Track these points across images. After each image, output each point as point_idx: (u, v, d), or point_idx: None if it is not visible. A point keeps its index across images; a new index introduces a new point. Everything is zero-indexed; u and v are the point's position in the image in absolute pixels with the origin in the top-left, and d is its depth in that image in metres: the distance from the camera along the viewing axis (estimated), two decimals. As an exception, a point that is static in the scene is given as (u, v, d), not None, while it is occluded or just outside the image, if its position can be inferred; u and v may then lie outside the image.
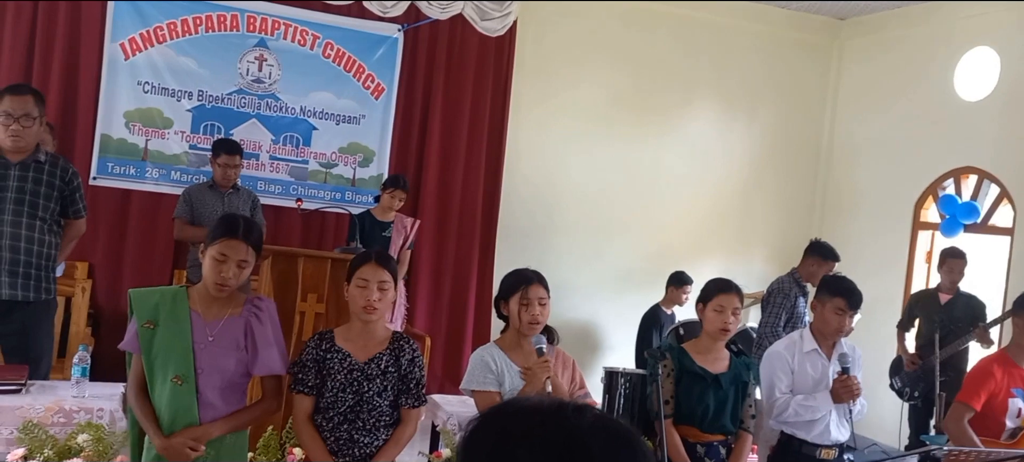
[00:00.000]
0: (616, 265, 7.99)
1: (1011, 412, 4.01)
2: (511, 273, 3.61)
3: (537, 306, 3.46)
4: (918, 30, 7.74)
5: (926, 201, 7.67)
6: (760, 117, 8.48)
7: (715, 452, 3.73)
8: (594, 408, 1.22)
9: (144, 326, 2.95)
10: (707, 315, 3.76)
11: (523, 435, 1.16)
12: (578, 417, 1.17)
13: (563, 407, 1.19)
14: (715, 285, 3.81)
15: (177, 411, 2.94)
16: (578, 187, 7.85)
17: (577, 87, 7.80)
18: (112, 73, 6.55)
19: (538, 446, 1.14)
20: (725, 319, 3.71)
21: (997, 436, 3.99)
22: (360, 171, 7.21)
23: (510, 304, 3.50)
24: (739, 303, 3.76)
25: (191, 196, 5.99)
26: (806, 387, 3.94)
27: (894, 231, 7.79)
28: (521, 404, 1.23)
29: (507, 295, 3.52)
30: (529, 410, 1.20)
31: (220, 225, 3.02)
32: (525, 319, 3.46)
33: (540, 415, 1.18)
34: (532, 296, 3.47)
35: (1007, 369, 4.06)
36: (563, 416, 1.17)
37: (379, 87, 7.21)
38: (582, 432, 1.15)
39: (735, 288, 3.78)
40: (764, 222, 8.51)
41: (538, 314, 3.47)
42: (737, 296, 3.76)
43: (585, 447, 1.14)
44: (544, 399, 1.22)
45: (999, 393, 4.00)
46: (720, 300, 3.73)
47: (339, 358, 3.16)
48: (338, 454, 3.13)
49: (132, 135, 6.63)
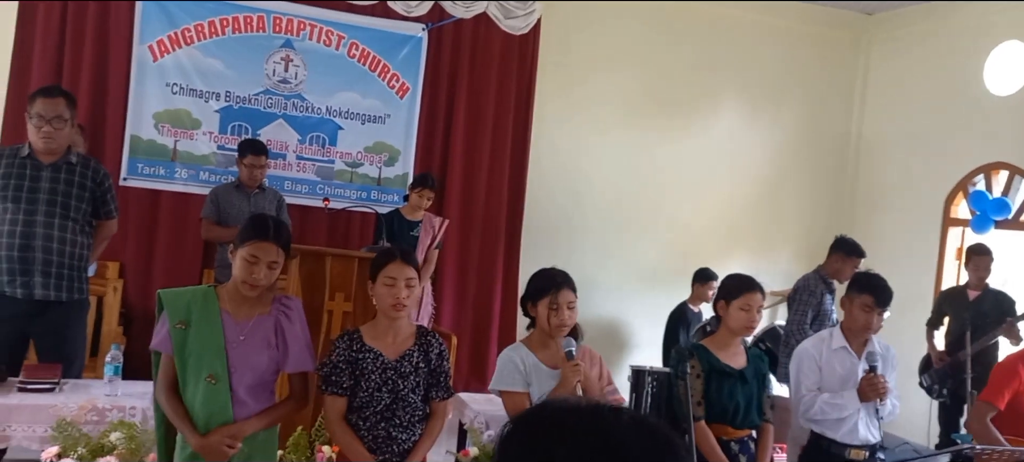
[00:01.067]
0: (642, 263, 7.97)
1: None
2: (539, 274, 3.59)
3: (566, 310, 3.45)
4: (946, 24, 7.65)
5: (956, 197, 7.58)
6: (787, 113, 8.42)
7: (747, 448, 3.72)
8: (630, 409, 1.21)
9: (176, 326, 2.97)
10: (732, 313, 3.73)
11: (560, 437, 1.15)
12: (615, 418, 1.17)
13: (600, 408, 1.19)
14: (740, 283, 3.78)
15: (212, 410, 2.97)
16: (603, 185, 7.84)
17: (601, 85, 7.78)
18: (141, 75, 6.62)
19: (575, 448, 1.13)
20: (751, 317, 3.70)
21: (1023, 434, 3.94)
22: (385, 170, 7.24)
23: (538, 307, 3.49)
24: (762, 301, 3.75)
25: (218, 196, 6.05)
26: (834, 385, 3.91)
27: (924, 228, 7.71)
28: (557, 406, 1.22)
29: (535, 297, 3.51)
30: (566, 412, 1.19)
31: (250, 226, 3.05)
32: (554, 323, 3.45)
33: (577, 417, 1.18)
34: (561, 301, 3.45)
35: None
36: (600, 417, 1.17)
37: (404, 86, 7.23)
38: (619, 433, 1.15)
39: (758, 286, 3.77)
40: (791, 219, 8.45)
41: (566, 318, 3.46)
42: (761, 294, 3.75)
43: (623, 448, 1.13)
44: (580, 400, 1.22)
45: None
46: (747, 298, 3.71)
47: (371, 358, 3.18)
48: (377, 452, 3.15)
49: (161, 136, 6.70)
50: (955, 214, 7.61)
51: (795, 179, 8.46)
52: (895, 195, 8.08)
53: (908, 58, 8.10)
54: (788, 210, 8.44)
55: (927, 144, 7.77)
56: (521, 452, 1.17)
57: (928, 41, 7.87)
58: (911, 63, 8.06)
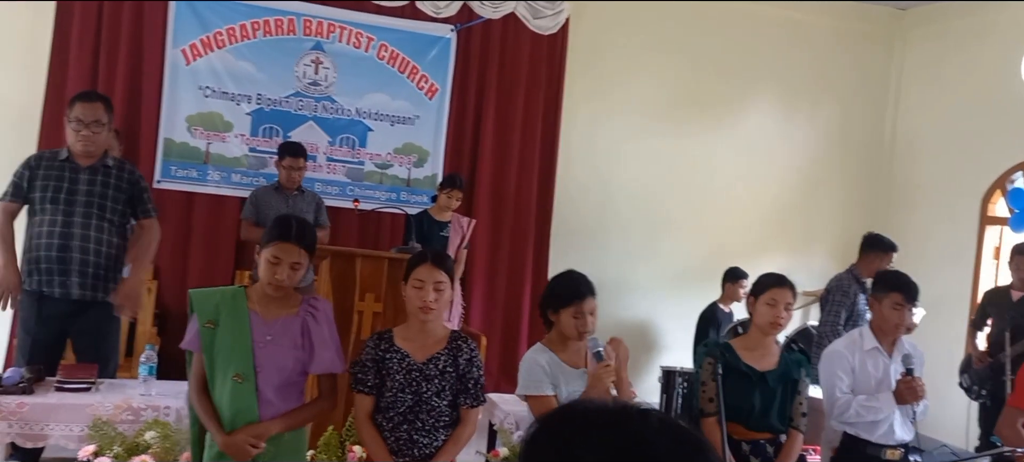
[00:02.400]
0: (672, 263, 7.92)
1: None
2: (561, 281, 3.54)
3: (588, 317, 3.43)
4: (982, 19, 7.53)
5: (994, 195, 7.46)
6: (821, 111, 8.33)
7: (761, 450, 3.65)
8: (659, 411, 1.20)
9: (205, 325, 3.01)
10: (759, 309, 3.70)
11: (587, 439, 1.14)
12: (643, 421, 1.15)
13: (627, 410, 1.17)
14: (768, 279, 3.75)
15: (238, 408, 2.99)
16: (633, 185, 7.80)
17: (631, 84, 7.74)
18: (174, 78, 6.70)
19: (603, 450, 1.12)
20: (777, 313, 3.65)
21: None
22: (415, 171, 7.26)
23: (561, 315, 3.44)
24: (792, 298, 3.70)
25: (257, 198, 6.11)
26: (867, 386, 3.86)
27: (961, 226, 7.59)
28: (585, 407, 1.21)
29: (557, 305, 3.47)
30: (593, 413, 1.18)
31: (274, 228, 3.07)
32: (578, 330, 3.42)
33: (605, 418, 1.16)
34: (585, 310, 3.42)
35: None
36: (628, 419, 1.16)
37: (433, 87, 7.25)
38: (648, 436, 1.13)
39: (788, 282, 3.72)
40: (826, 218, 8.35)
41: (589, 325, 3.43)
42: (790, 291, 3.70)
43: (651, 451, 1.12)
44: (608, 402, 1.21)
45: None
46: (773, 293, 3.67)
47: (398, 358, 3.17)
48: (398, 454, 3.14)
49: (194, 139, 6.77)
50: (992, 212, 7.48)
51: (829, 178, 8.36)
52: (931, 193, 7.97)
53: (943, 55, 7.99)
54: (822, 209, 8.35)
55: (963, 142, 7.65)
56: (547, 454, 1.16)
57: (963, 37, 7.75)
58: (946, 60, 7.94)
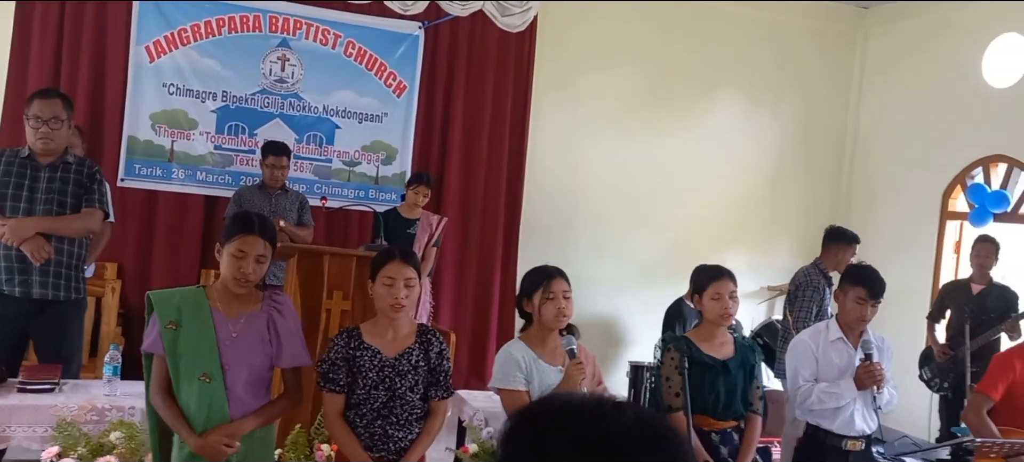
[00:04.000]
0: (640, 259, 7.97)
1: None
2: (531, 271, 3.61)
3: (562, 299, 3.46)
4: (944, 16, 7.65)
5: (954, 190, 7.58)
6: (784, 108, 8.42)
7: (729, 438, 3.71)
8: (634, 405, 1.21)
9: (167, 327, 2.98)
10: (705, 305, 3.74)
11: (563, 434, 1.15)
12: (618, 414, 1.17)
13: (602, 404, 1.19)
14: (708, 273, 3.79)
15: (209, 409, 2.97)
16: (601, 182, 7.84)
17: (598, 81, 7.78)
18: (137, 76, 6.62)
19: (578, 444, 1.13)
20: (724, 305, 3.70)
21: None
22: (383, 169, 7.24)
23: (534, 300, 3.49)
24: (734, 286, 3.74)
25: (241, 197, 6.07)
26: (832, 376, 3.92)
27: (922, 221, 7.71)
28: (560, 402, 1.22)
29: (530, 292, 3.51)
30: (569, 408, 1.19)
31: (236, 223, 3.06)
32: (551, 313, 3.45)
33: (580, 413, 1.18)
34: (556, 289, 3.46)
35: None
36: (602, 414, 1.17)
37: (401, 85, 7.23)
38: (622, 430, 1.15)
39: (726, 272, 3.76)
40: (790, 214, 8.45)
41: (564, 307, 3.47)
42: (730, 280, 3.74)
43: (626, 445, 1.13)
44: (583, 397, 1.22)
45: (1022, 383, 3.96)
46: (716, 287, 3.72)
47: (369, 355, 3.18)
48: (373, 450, 3.16)
49: (158, 136, 6.70)
50: (953, 207, 7.61)
51: (793, 173, 8.46)
52: (893, 188, 8.09)
53: (905, 51, 8.11)
54: (786, 204, 8.44)
55: (925, 137, 7.77)
56: (524, 449, 1.17)
57: (925, 34, 7.87)
58: (908, 56, 8.06)
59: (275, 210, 5.94)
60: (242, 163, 6.87)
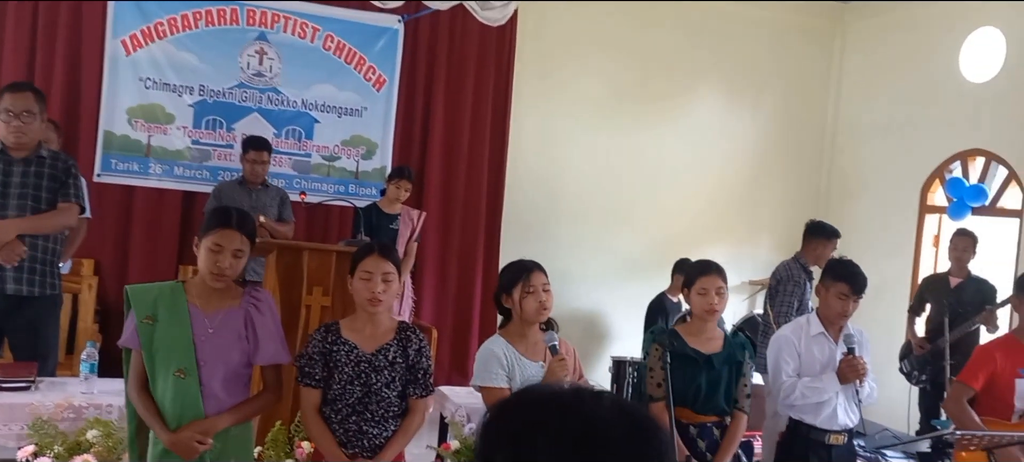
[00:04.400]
0: (622, 254, 7.97)
1: (1019, 393, 3.99)
2: (508, 266, 3.58)
3: (542, 292, 3.44)
4: (922, 11, 7.69)
5: (933, 184, 7.63)
6: (764, 103, 8.45)
7: (708, 433, 3.71)
8: (612, 395, 1.21)
9: (143, 321, 2.94)
10: (693, 299, 3.75)
11: (542, 423, 1.15)
12: (597, 404, 1.17)
13: (581, 393, 1.19)
14: (695, 268, 3.80)
15: (182, 405, 2.93)
16: (582, 176, 7.83)
17: (579, 76, 7.77)
18: (114, 70, 6.55)
19: (557, 434, 1.13)
20: (710, 300, 3.70)
21: (1007, 417, 3.97)
22: (363, 164, 7.20)
23: (513, 295, 3.46)
24: (722, 282, 3.74)
25: (221, 193, 6.02)
26: (813, 370, 3.93)
27: (901, 215, 7.76)
28: (539, 392, 1.22)
29: (508, 287, 3.48)
30: (548, 398, 1.19)
31: (213, 217, 3.03)
32: (532, 307, 3.43)
33: (559, 403, 1.18)
34: (535, 283, 3.44)
35: (1010, 351, 4.04)
36: (581, 403, 1.17)
37: (380, 79, 7.19)
38: (601, 419, 1.15)
39: (715, 267, 3.77)
40: (770, 208, 8.48)
41: (545, 300, 3.45)
42: (718, 275, 3.74)
43: (605, 434, 1.13)
44: (561, 387, 1.21)
45: (1003, 375, 3.98)
46: (702, 283, 3.72)
47: (346, 350, 3.15)
48: (347, 446, 3.12)
49: (135, 131, 6.62)
50: (932, 201, 7.66)
51: (773, 168, 8.49)
52: (872, 182, 8.13)
53: (884, 46, 8.15)
54: (766, 199, 8.47)
55: (903, 132, 7.82)
56: (503, 439, 1.17)
57: (904, 29, 7.91)
58: (887, 51, 8.10)
59: (255, 206, 5.88)
60: (220, 158, 6.80)
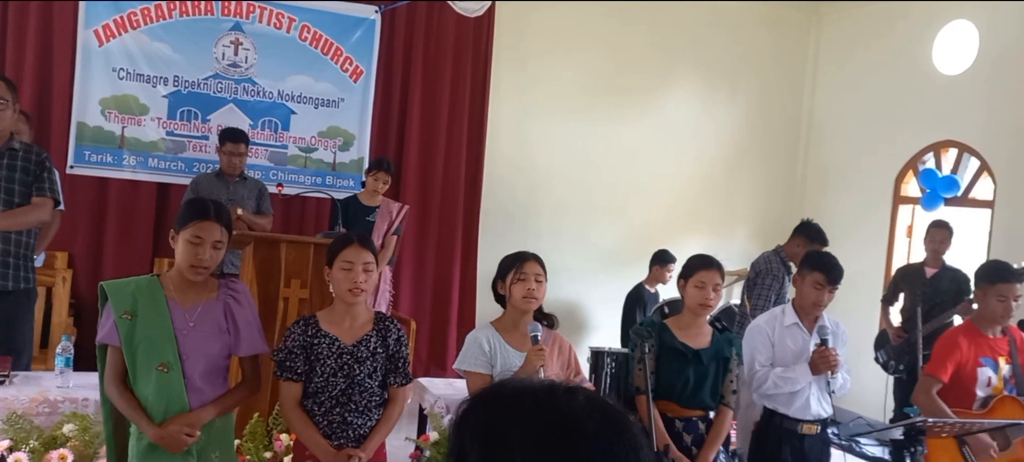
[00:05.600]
0: (600, 245, 8.00)
1: (981, 381, 4.05)
2: (507, 256, 3.61)
3: (533, 281, 3.46)
4: (896, 5, 7.76)
5: (907, 176, 7.72)
6: (740, 95, 8.49)
7: (694, 427, 3.74)
8: (586, 389, 1.22)
9: (122, 317, 2.91)
10: (688, 291, 3.77)
11: (515, 416, 1.16)
12: (570, 398, 1.18)
13: (555, 388, 1.20)
14: (696, 261, 3.82)
15: (168, 399, 2.91)
16: (560, 168, 7.85)
17: (557, 67, 7.77)
18: (86, 60, 6.47)
19: (530, 427, 1.14)
20: (706, 295, 3.73)
21: (969, 406, 4.03)
22: (340, 155, 7.17)
23: (506, 281, 3.50)
24: (720, 279, 3.78)
25: (198, 185, 5.96)
26: (787, 360, 3.97)
27: (875, 206, 7.84)
28: (513, 385, 1.23)
29: (503, 274, 3.53)
30: (521, 391, 1.20)
31: (191, 209, 3.00)
32: (519, 294, 3.46)
33: (532, 396, 1.19)
34: (528, 271, 3.47)
35: (973, 339, 4.09)
36: (555, 397, 1.18)
37: (357, 70, 7.15)
38: (574, 413, 1.16)
39: (716, 264, 3.79)
40: (746, 199, 8.54)
41: (534, 289, 3.46)
42: (718, 272, 3.77)
43: (577, 427, 1.14)
44: (536, 381, 1.23)
45: (967, 363, 4.04)
46: (701, 276, 3.74)
47: (327, 343, 3.15)
48: (332, 437, 3.13)
49: (108, 123, 6.55)
50: (905, 192, 7.74)
51: (749, 159, 8.55)
52: (846, 174, 8.21)
53: (858, 38, 8.22)
54: (743, 190, 8.53)
55: (878, 123, 7.89)
56: (477, 431, 1.18)
57: (878, 21, 7.98)
58: (861, 43, 8.17)
59: (233, 198, 5.84)
60: (195, 149, 6.75)
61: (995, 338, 4.12)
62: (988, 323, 4.13)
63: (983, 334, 4.11)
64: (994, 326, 4.13)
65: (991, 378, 4.06)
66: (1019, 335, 4.20)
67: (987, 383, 4.05)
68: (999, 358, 4.08)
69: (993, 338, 4.11)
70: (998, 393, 4.04)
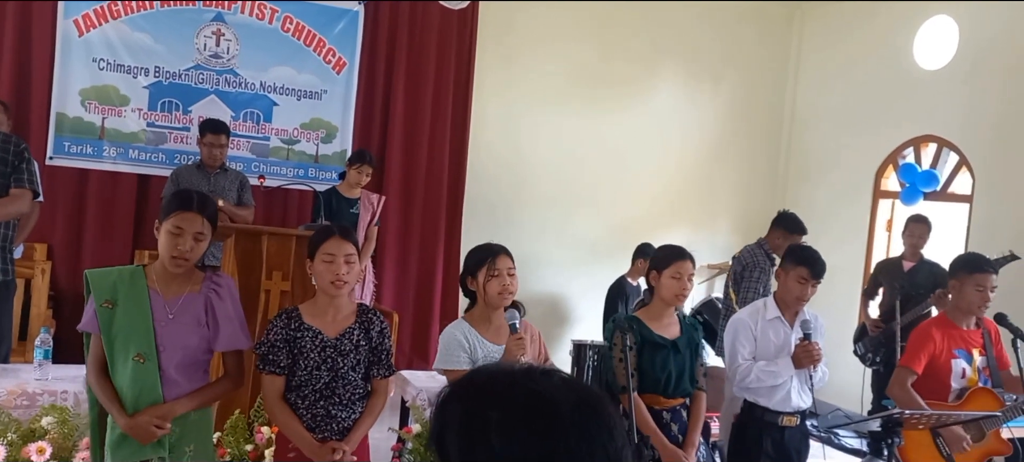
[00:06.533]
0: (583, 237, 8.02)
1: (955, 373, 4.10)
2: (475, 249, 3.57)
3: (507, 276, 3.45)
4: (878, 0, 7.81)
5: (887, 170, 7.78)
6: (723, 90, 8.53)
7: (678, 416, 3.78)
8: (562, 372, 1.25)
9: (103, 306, 2.91)
10: (664, 282, 3.77)
11: (492, 399, 1.18)
12: (547, 380, 1.21)
13: (532, 370, 1.23)
14: (670, 252, 3.82)
15: (141, 390, 2.90)
16: (544, 160, 7.85)
17: (541, 60, 7.77)
18: (66, 50, 6.41)
19: (508, 408, 1.16)
20: (683, 285, 3.75)
21: (944, 398, 4.07)
22: (323, 147, 7.14)
23: (478, 278, 3.47)
24: (693, 269, 3.80)
25: (179, 177, 5.92)
26: (769, 354, 4.00)
27: (856, 200, 7.90)
28: (491, 370, 1.26)
29: (474, 270, 3.49)
30: (499, 375, 1.23)
31: (173, 200, 2.99)
32: (495, 290, 3.43)
33: (509, 379, 1.21)
34: (500, 267, 3.44)
35: (947, 332, 4.14)
36: (532, 379, 1.21)
37: (340, 62, 7.13)
38: (550, 394, 1.18)
39: (688, 254, 3.81)
40: (728, 193, 8.58)
41: (508, 284, 3.45)
42: (690, 262, 3.80)
43: (554, 408, 1.17)
44: (513, 365, 1.25)
45: (941, 355, 4.08)
46: (677, 267, 3.75)
47: (310, 336, 3.14)
48: (316, 431, 3.13)
49: (88, 113, 6.50)
50: (885, 186, 7.81)
51: (732, 153, 8.59)
52: (827, 168, 8.26)
53: (840, 32, 8.26)
54: (725, 184, 8.57)
55: (858, 118, 7.95)
56: (457, 416, 1.20)
57: (860, 16, 8.03)
58: (843, 37, 8.22)
59: (214, 189, 5.81)
60: (176, 141, 6.71)
61: (969, 330, 4.17)
62: (963, 314, 4.17)
63: (957, 326, 4.16)
64: (968, 318, 4.18)
65: (965, 370, 4.11)
66: (994, 327, 4.25)
67: (962, 375, 4.10)
68: (973, 350, 4.13)
69: (967, 330, 4.16)
70: (973, 385, 4.09)
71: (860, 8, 8.00)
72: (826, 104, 8.36)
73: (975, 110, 6.93)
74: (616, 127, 8.08)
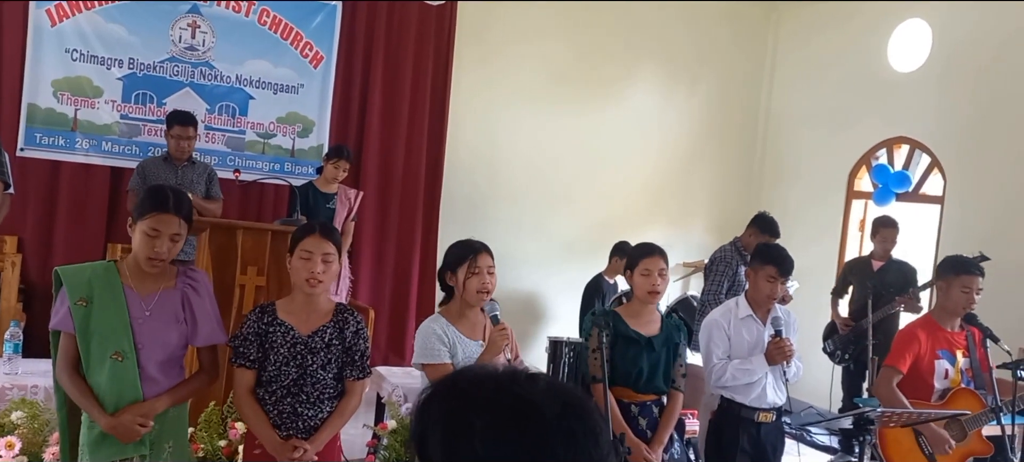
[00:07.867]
0: (560, 235, 8.03)
1: (938, 373, 4.16)
2: (455, 244, 3.57)
3: (486, 275, 3.45)
4: (853, 2, 7.88)
5: (860, 171, 7.86)
6: (699, 90, 8.57)
7: (648, 411, 3.82)
8: (546, 375, 1.23)
9: (77, 304, 2.85)
10: (635, 280, 3.83)
11: (477, 403, 1.17)
12: (531, 384, 1.19)
13: (516, 374, 1.21)
14: (638, 250, 3.88)
15: (121, 388, 2.86)
16: (522, 157, 7.86)
17: (519, 57, 7.77)
18: (38, 40, 6.32)
19: (492, 413, 1.15)
20: (652, 281, 3.78)
21: (927, 398, 4.13)
22: (299, 142, 7.10)
23: (457, 274, 3.46)
24: (664, 264, 3.83)
25: (145, 170, 5.83)
26: (742, 352, 4.05)
27: (829, 200, 7.97)
28: (475, 372, 1.24)
29: (454, 265, 3.48)
30: (483, 378, 1.21)
31: (149, 199, 2.93)
32: (474, 288, 3.43)
33: (494, 382, 1.19)
34: (481, 265, 3.44)
35: (932, 332, 4.20)
36: (516, 383, 1.19)
37: (318, 56, 7.09)
38: (535, 399, 1.17)
39: (658, 250, 3.85)
40: (704, 192, 8.63)
41: (487, 282, 3.45)
42: (660, 257, 3.83)
43: (538, 413, 1.15)
44: (497, 367, 1.23)
45: (925, 356, 4.14)
46: (645, 263, 3.80)
47: (282, 331, 3.12)
48: (281, 427, 3.10)
49: (60, 105, 6.42)
50: (858, 187, 7.88)
51: (708, 153, 8.64)
52: (801, 168, 8.33)
53: (815, 34, 8.33)
54: (701, 183, 8.62)
55: (832, 119, 8.02)
56: (438, 419, 1.18)
57: (835, 19, 8.10)
58: (818, 39, 8.29)
59: (181, 183, 5.73)
60: (150, 133, 6.64)
61: (953, 332, 4.24)
62: (948, 316, 4.24)
63: (941, 328, 4.23)
64: (953, 319, 4.25)
65: (948, 370, 4.17)
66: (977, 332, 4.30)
67: (944, 375, 4.16)
68: (956, 351, 4.20)
69: (951, 332, 4.23)
70: (955, 385, 4.15)
71: (835, 10, 8.07)
72: (801, 105, 8.43)
73: (947, 113, 7.01)
74: (593, 126, 8.10)
